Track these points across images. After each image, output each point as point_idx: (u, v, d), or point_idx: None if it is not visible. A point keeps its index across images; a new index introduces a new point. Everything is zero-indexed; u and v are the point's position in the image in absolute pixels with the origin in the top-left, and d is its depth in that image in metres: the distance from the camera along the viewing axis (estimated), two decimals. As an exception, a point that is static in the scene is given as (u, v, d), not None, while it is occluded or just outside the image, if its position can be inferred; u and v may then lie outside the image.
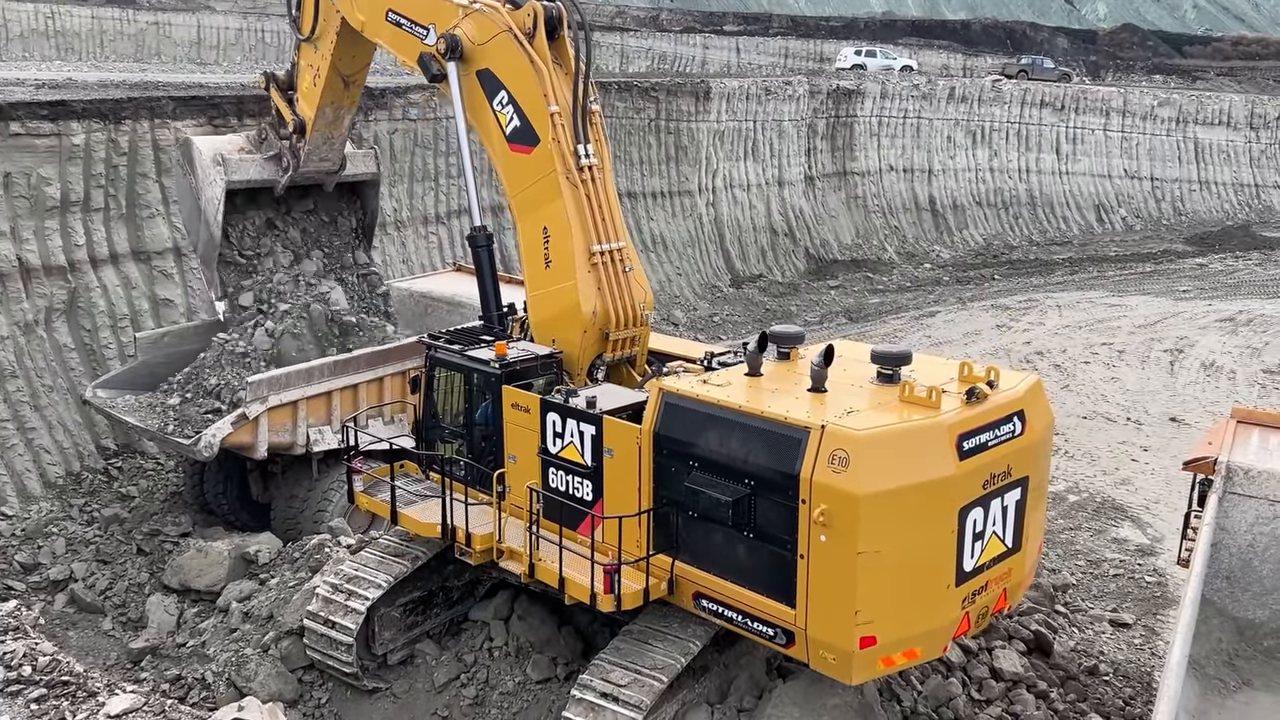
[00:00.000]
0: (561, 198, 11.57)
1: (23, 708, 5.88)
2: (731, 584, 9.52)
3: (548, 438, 10.67)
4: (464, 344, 11.76)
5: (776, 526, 9.05)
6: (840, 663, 8.99)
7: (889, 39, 71.76)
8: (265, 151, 16.44)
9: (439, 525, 11.11)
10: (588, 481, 10.44)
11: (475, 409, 11.40)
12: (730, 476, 9.30)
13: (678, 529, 9.81)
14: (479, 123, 12.46)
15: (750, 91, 36.92)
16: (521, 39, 11.84)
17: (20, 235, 18.14)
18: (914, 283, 38.05)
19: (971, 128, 45.51)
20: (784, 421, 9.01)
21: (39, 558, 15.71)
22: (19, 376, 17.75)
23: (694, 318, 31.76)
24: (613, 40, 66.51)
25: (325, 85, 15.39)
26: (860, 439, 8.62)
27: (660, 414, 9.76)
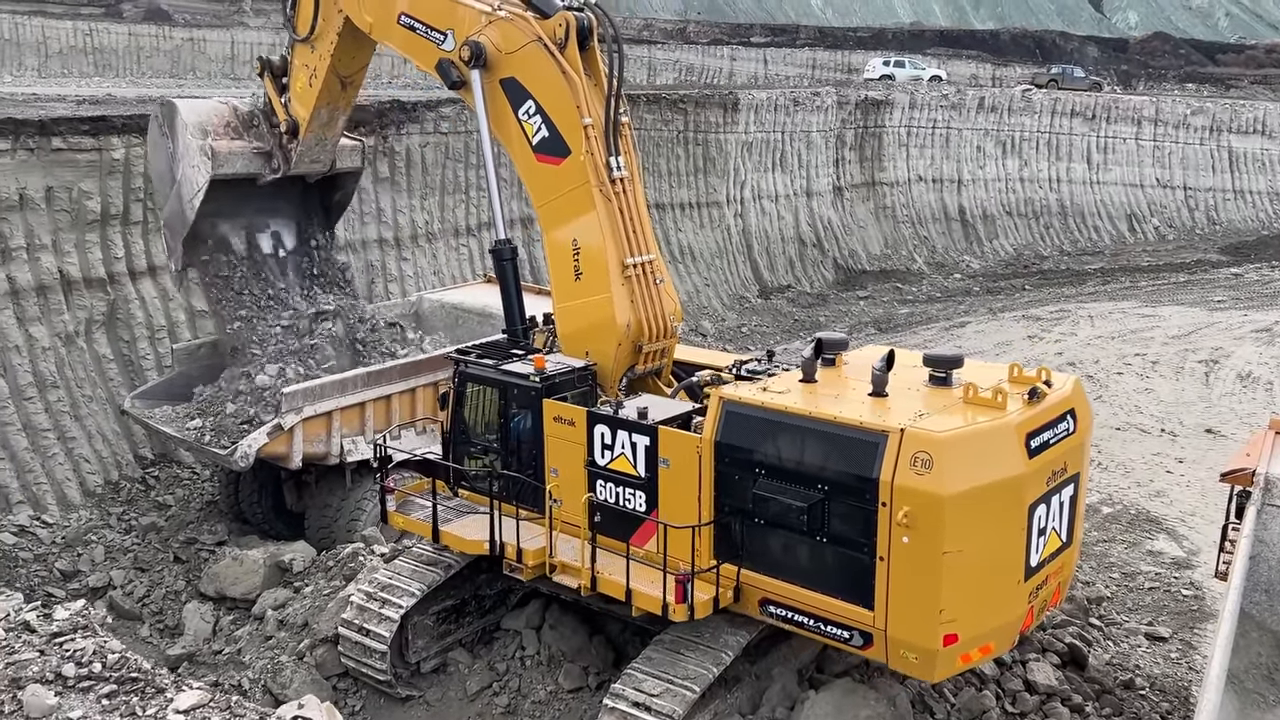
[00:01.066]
0: (594, 210, 11.54)
1: (94, 703, 6.03)
2: (802, 589, 9.61)
3: (596, 450, 10.63)
4: (496, 358, 11.69)
5: (852, 530, 9.19)
6: (923, 662, 9.17)
7: (917, 49, 71.62)
8: (252, 136, 15.86)
9: (486, 542, 11.00)
10: (640, 493, 10.42)
11: (511, 424, 11.33)
12: (801, 482, 9.41)
13: (743, 536, 9.86)
14: (502, 131, 12.37)
15: (778, 103, 36.96)
16: (553, 49, 11.72)
17: (62, 248, 18.49)
18: (944, 293, 37.89)
19: (1001, 137, 45.30)
20: (860, 426, 9.13)
21: (79, 565, 15.99)
22: (60, 387, 18.07)
23: (722, 328, 31.79)
24: (640, 52, 66.81)
25: (322, 87, 15.00)
26: (942, 441, 8.79)
27: (721, 423, 9.83)
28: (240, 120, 15.91)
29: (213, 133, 15.43)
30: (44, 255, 18.17)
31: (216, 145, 15.33)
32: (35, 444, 17.50)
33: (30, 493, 17.17)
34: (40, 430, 17.60)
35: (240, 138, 15.78)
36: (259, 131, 15.91)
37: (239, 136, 15.78)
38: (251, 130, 15.93)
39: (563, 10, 11.84)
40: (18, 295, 17.81)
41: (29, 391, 17.61)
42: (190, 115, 15.50)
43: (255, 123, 15.94)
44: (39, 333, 17.98)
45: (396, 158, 24.40)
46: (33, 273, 18.02)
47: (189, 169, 15.38)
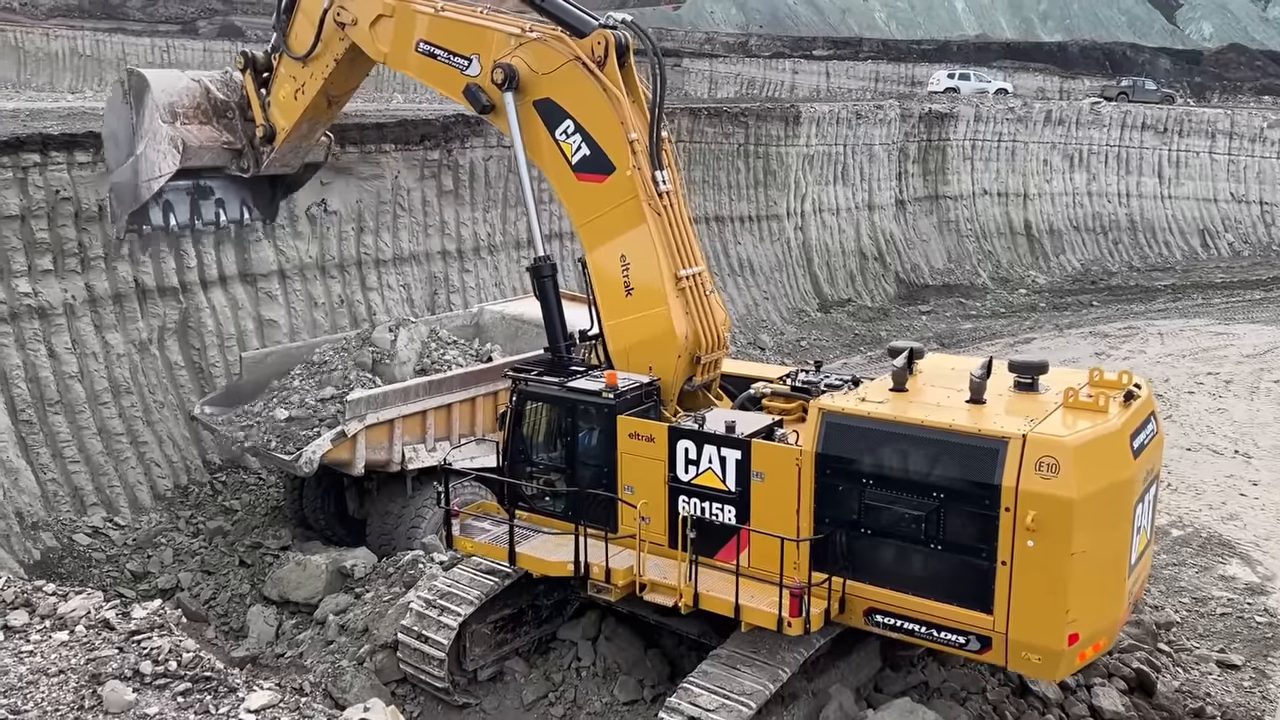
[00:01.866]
0: (645, 224, 11.51)
1: (170, 700, 6.20)
2: (913, 597, 9.70)
3: (678, 465, 10.59)
4: (559, 376, 11.60)
5: (970, 536, 9.33)
6: (1046, 662, 9.38)
7: (983, 62, 70.77)
8: (223, 127, 15.19)
9: (569, 563, 10.86)
10: (730, 507, 10.40)
11: (579, 441, 11.24)
12: (913, 491, 9.50)
13: (847, 547, 9.88)
14: (537, 153, 12.23)
15: (840, 115, 36.76)
16: (592, 67, 11.62)
17: (137, 258, 19.02)
18: (1008, 308, 37.30)
19: (1069, 151, 44.52)
20: (979, 433, 9.29)
21: (149, 566, 16.39)
22: (133, 392, 18.58)
23: (781, 342, 31.63)
24: (702, 66, 66.95)
25: (310, 105, 14.60)
26: (1069, 445, 9.01)
27: (822, 435, 9.86)
28: (211, 105, 15.19)
29: (182, 115, 14.77)
30: (120, 265, 18.71)
31: (187, 137, 14.67)
32: (109, 448, 18.01)
33: (104, 495, 17.67)
34: (114, 434, 18.12)
35: (209, 123, 15.13)
36: (230, 124, 15.22)
37: (208, 121, 15.15)
38: (222, 119, 15.20)
39: (600, 28, 11.74)
40: (96, 303, 18.37)
41: (104, 397, 18.14)
42: (161, 94, 14.76)
43: (228, 113, 15.20)
44: (114, 340, 18.51)
45: (460, 171, 24.73)
46: (110, 281, 18.58)
47: (153, 151, 14.74)
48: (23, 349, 17.24)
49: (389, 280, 23.23)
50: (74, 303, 17.98)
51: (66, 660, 6.57)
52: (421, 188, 23.96)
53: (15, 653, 6.63)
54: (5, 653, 6.63)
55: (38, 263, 17.48)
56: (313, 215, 21.82)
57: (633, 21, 12.31)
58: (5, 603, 7.15)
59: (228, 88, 15.43)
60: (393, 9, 13.08)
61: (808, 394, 11.53)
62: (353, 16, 13.45)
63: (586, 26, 11.83)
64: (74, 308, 17.98)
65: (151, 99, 14.66)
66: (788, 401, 11.63)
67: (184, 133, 14.65)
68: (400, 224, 23.56)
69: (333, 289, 22.13)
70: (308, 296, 21.61)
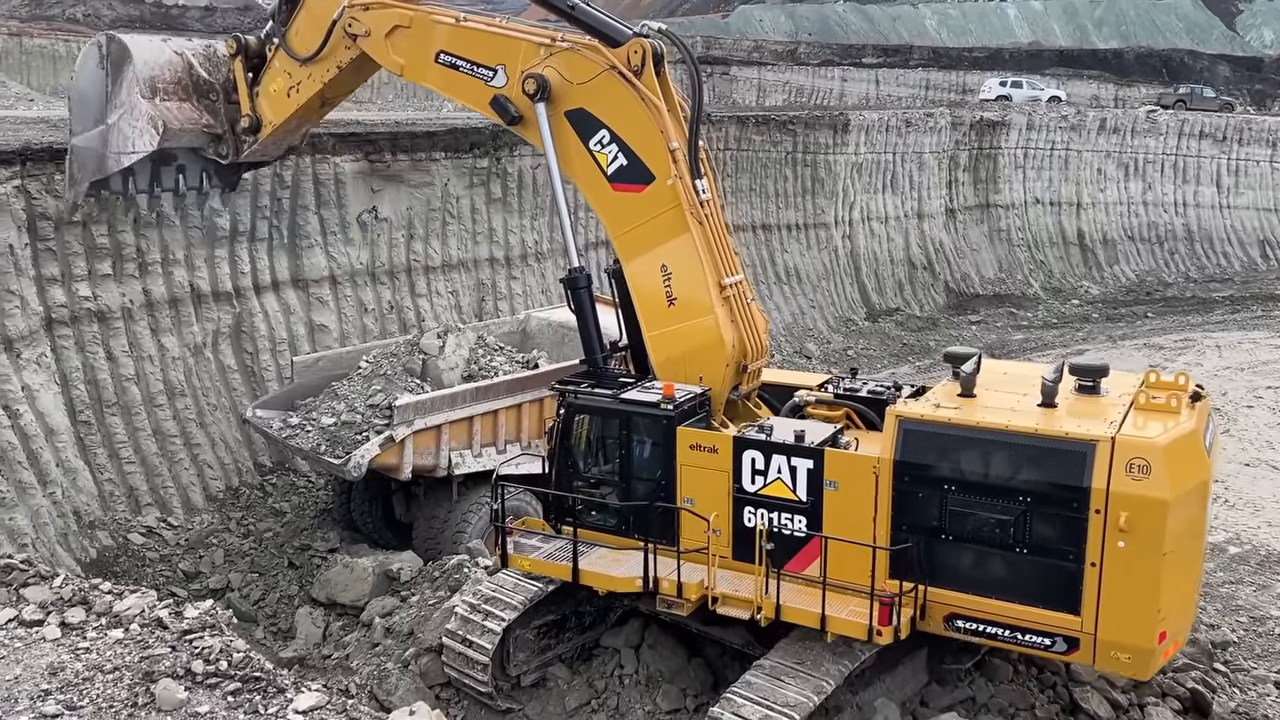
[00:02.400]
0: (688, 233, 11.42)
1: (220, 699, 6.31)
2: (997, 601, 9.76)
3: (744, 476, 10.53)
4: (611, 388, 11.43)
5: (1058, 539, 9.47)
6: (1137, 660, 9.56)
7: (1036, 69, 69.81)
8: (204, 108, 14.51)
9: (637, 579, 10.71)
10: (800, 517, 10.38)
11: (634, 454, 11.10)
12: (998, 496, 9.58)
13: (928, 554, 9.90)
14: (569, 164, 12.04)
15: (890, 123, 36.49)
16: (629, 76, 11.47)
17: (193, 263, 19.40)
18: (1060, 319, 36.74)
19: (1124, 160, 43.78)
20: (1066, 437, 9.38)
21: (200, 566, 16.68)
22: (187, 395, 18.93)
23: (828, 351, 31.43)
24: (750, 74, 66.84)
25: (303, 104, 14.16)
26: (1159, 447, 9.17)
27: (900, 442, 9.88)
28: (193, 82, 14.43)
29: (162, 90, 14.06)
30: (176, 269, 19.09)
31: (168, 118, 14.02)
32: (164, 449, 18.36)
33: (158, 495, 18.01)
34: (169, 436, 18.47)
35: (188, 100, 14.41)
36: (212, 106, 14.51)
37: (187, 98, 14.41)
38: (204, 99, 14.48)
39: (636, 37, 11.62)
40: (152, 307, 18.75)
41: (160, 399, 18.50)
42: (143, 68, 14.00)
43: (210, 94, 14.45)
44: (170, 343, 18.88)
45: (509, 179, 24.91)
46: (166, 286, 18.96)
47: (128, 125, 14.07)
48: (82, 351, 17.64)
49: (437, 287, 23.46)
50: (131, 307, 18.36)
51: (121, 658, 6.71)
52: (470, 195, 24.18)
53: (72, 649, 6.79)
54: (63, 649, 6.80)
55: (97, 267, 17.89)
56: (363, 222, 22.11)
57: (667, 30, 12.26)
58: (63, 600, 7.33)
59: (210, 63, 14.72)
60: (410, 20, 12.78)
61: (850, 401, 11.55)
62: (366, 28, 13.07)
63: (621, 35, 11.70)
64: (131, 311, 18.37)
65: (132, 71, 13.91)
66: (831, 409, 11.59)
67: (164, 112, 13.96)
68: (449, 231, 23.79)
69: (382, 295, 22.39)
70: (358, 302, 21.89)
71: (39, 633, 6.99)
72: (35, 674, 6.54)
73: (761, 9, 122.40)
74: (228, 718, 6.18)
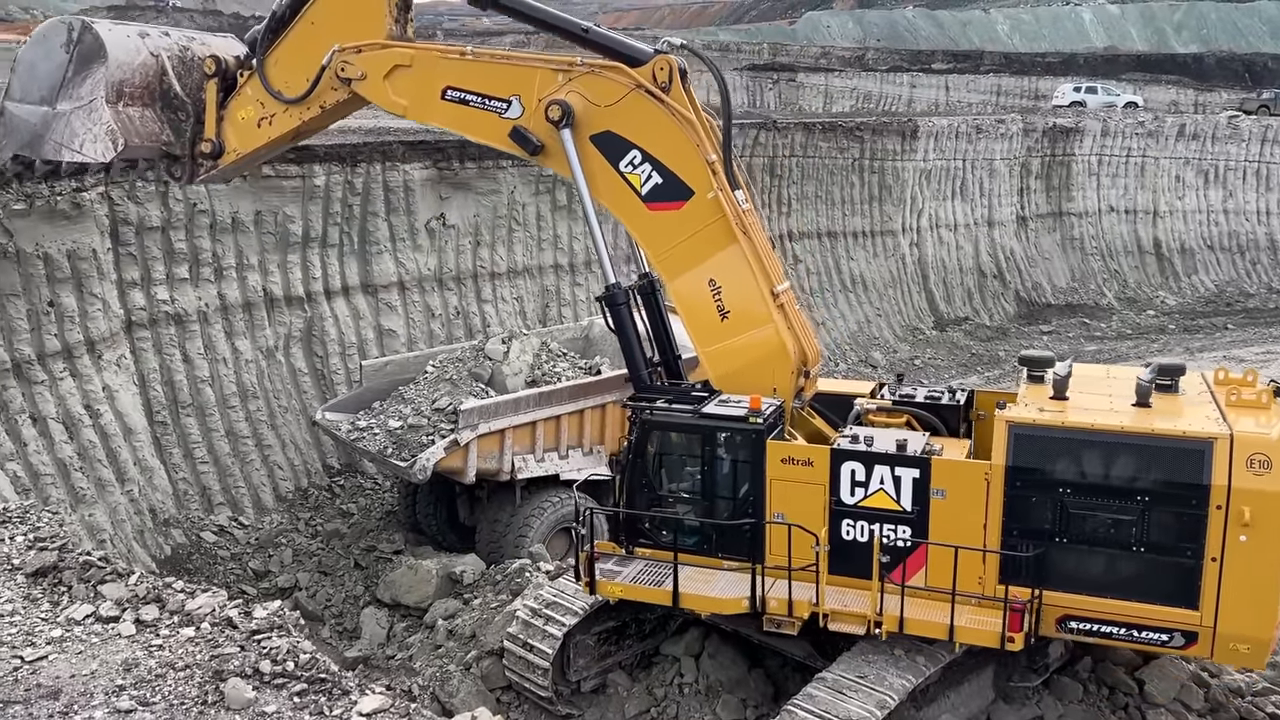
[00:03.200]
0: (735, 244, 11.29)
1: (287, 699, 6.43)
2: (1113, 600, 9.90)
3: (843, 488, 10.45)
4: (689, 403, 11.19)
5: (1175, 536, 9.67)
6: (1255, 651, 9.78)
7: (1112, 74, 68.32)
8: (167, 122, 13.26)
9: (744, 599, 10.52)
10: (905, 527, 10.34)
11: (719, 470, 10.89)
12: (1114, 496, 9.75)
13: (1040, 558, 9.95)
14: (600, 189, 11.70)
15: (960, 130, 35.97)
16: (658, 94, 11.27)
17: (267, 268, 19.86)
18: (1135, 330, 35.82)
19: (1203, 166, 42.57)
20: (1184, 436, 9.64)
21: (269, 566, 17.01)
22: (259, 397, 19.36)
23: (893, 360, 31.03)
24: (816, 80, 66.39)
25: (276, 139, 13.23)
26: (1277, 442, 9.39)
27: (1012, 447, 9.95)
28: (161, 90, 13.20)
29: (128, 95, 12.95)
30: (250, 274, 19.56)
31: (129, 133, 12.81)
32: (236, 450, 18.80)
33: (230, 495, 18.44)
34: (241, 437, 18.90)
35: (152, 107, 13.20)
36: (175, 122, 13.31)
37: (151, 105, 13.19)
38: (167, 112, 13.28)
39: (660, 54, 11.45)
40: (227, 311, 19.22)
41: (233, 401, 18.96)
42: (116, 70, 12.72)
43: (179, 111, 13.25)
44: (243, 346, 19.34)
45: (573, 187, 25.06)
46: (240, 290, 19.43)
47: (81, 124, 12.77)
48: (159, 353, 18.14)
49: (503, 293, 23.70)
50: (207, 310, 18.85)
51: (192, 656, 6.86)
52: (536, 203, 24.39)
53: (146, 646, 6.96)
54: (137, 646, 6.98)
55: (175, 271, 18.40)
56: (432, 229, 22.42)
57: (688, 45, 12.17)
58: (138, 597, 7.52)
59: (184, 67, 13.45)
60: (411, 58, 12.14)
61: (910, 407, 11.59)
62: (361, 71, 12.25)
63: (642, 54, 11.53)
64: (207, 315, 18.86)
65: (104, 72, 12.66)
66: (891, 416, 11.52)
67: (125, 123, 12.85)
68: (515, 238, 24.02)
69: (449, 300, 22.69)
70: (425, 307, 22.20)
71: (115, 629, 7.18)
72: (111, 669, 6.71)
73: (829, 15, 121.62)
74: (294, 718, 6.28)
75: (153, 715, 6.27)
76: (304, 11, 12.59)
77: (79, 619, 7.28)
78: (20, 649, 6.89)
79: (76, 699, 6.38)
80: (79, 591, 7.61)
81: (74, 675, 6.63)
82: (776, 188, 31.29)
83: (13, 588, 7.67)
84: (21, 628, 7.14)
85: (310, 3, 12.55)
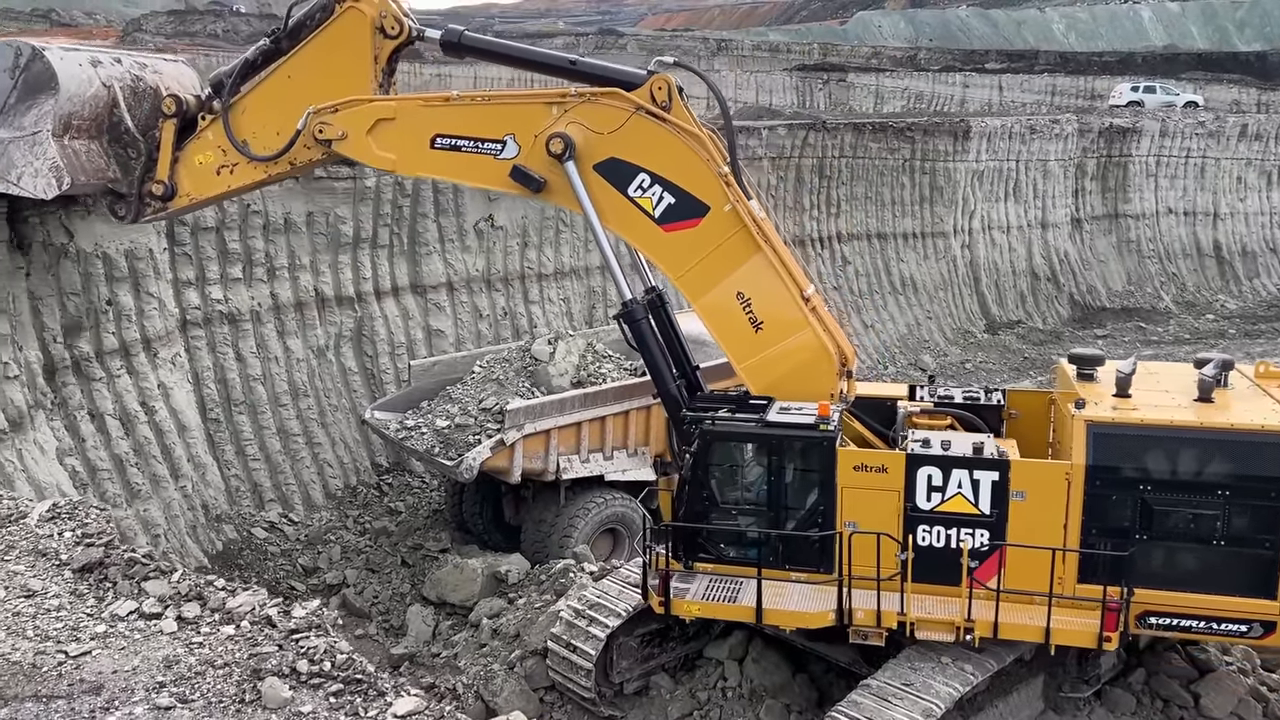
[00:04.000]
0: (760, 252, 11.16)
1: (323, 699, 6.49)
2: (1192, 594, 10.02)
3: (919, 494, 10.34)
4: (751, 412, 10.99)
5: (1257, 529, 9.86)
6: None
7: (1171, 74, 66.85)
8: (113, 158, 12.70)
9: (830, 613, 10.33)
10: (983, 530, 10.29)
11: (787, 480, 10.72)
12: (1195, 492, 9.87)
13: (1121, 555, 10.00)
14: (609, 217, 11.50)
15: (1013, 130, 35.43)
16: (659, 113, 11.14)
17: (318, 268, 20.12)
18: (1193, 335, 35.02)
19: (1266, 168, 41.53)
20: (1264, 430, 9.81)
21: (318, 562, 17.22)
22: (310, 396, 19.62)
23: (944, 363, 30.65)
24: (867, 80, 65.84)
25: (236, 189, 12.74)
26: None
27: (1091, 446, 10.01)
28: (112, 124, 12.61)
29: (75, 128, 12.33)
30: (302, 274, 19.83)
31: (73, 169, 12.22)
32: (287, 447, 19.07)
33: (280, 492, 18.71)
34: (292, 435, 19.17)
35: (98, 139, 12.62)
36: (124, 159, 12.71)
37: (98, 137, 12.61)
38: (115, 146, 12.69)
39: (655, 74, 11.30)
40: (279, 310, 19.51)
41: (284, 399, 19.23)
42: (65, 103, 12.06)
43: (131, 147, 12.65)
44: (295, 345, 19.61)
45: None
46: (293, 290, 19.71)
47: (21, 156, 12.10)
48: (213, 352, 18.46)
49: (549, 294, 23.79)
50: (260, 309, 19.14)
51: (231, 654, 6.94)
52: (584, 203, 24.44)
53: (186, 643, 7.06)
54: (178, 643, 7.07)
55: (229, 271, 18.71)
56: (480, 230, 22.58)
57: (681, 61, 12.13)
58: (180, 594, 7.62)
59: (136, 98, 12.80)
60: (395, 110, 11.81)
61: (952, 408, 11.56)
62: (341, 131, 11.81)
63: (636, 78, 11.40)
64: (260, 314, 19.15)
65: (53, 106, 12.00)
66: (934, 418, 11.41)
67: (71, 159, 12.18)
68: (562, 239, 24.11)
69: (497, 301, 22.82)
70: (473, 308, 22.36)
71: (157, 625, 7.29)
72: (152, 665, 6.81)
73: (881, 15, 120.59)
74: (329, 718, 6.32)
75: (191, 713, 6.34)
76: (280, 64, 12.20)
77: (123, 615, 7.40)
78: (65, 644, 7.01)
79: (118, 695, 6.48)
80: (123, 588, 7.73)
81: (116, 671, 6.73)
82: (825, 189, 31.06)
83: (60, 583, 7.81)
84: (67, 623, 7.27)
85: (288, 55, 12.16)
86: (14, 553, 8.24)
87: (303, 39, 12.15)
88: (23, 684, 6.53)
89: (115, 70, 12.76)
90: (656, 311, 11.96)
